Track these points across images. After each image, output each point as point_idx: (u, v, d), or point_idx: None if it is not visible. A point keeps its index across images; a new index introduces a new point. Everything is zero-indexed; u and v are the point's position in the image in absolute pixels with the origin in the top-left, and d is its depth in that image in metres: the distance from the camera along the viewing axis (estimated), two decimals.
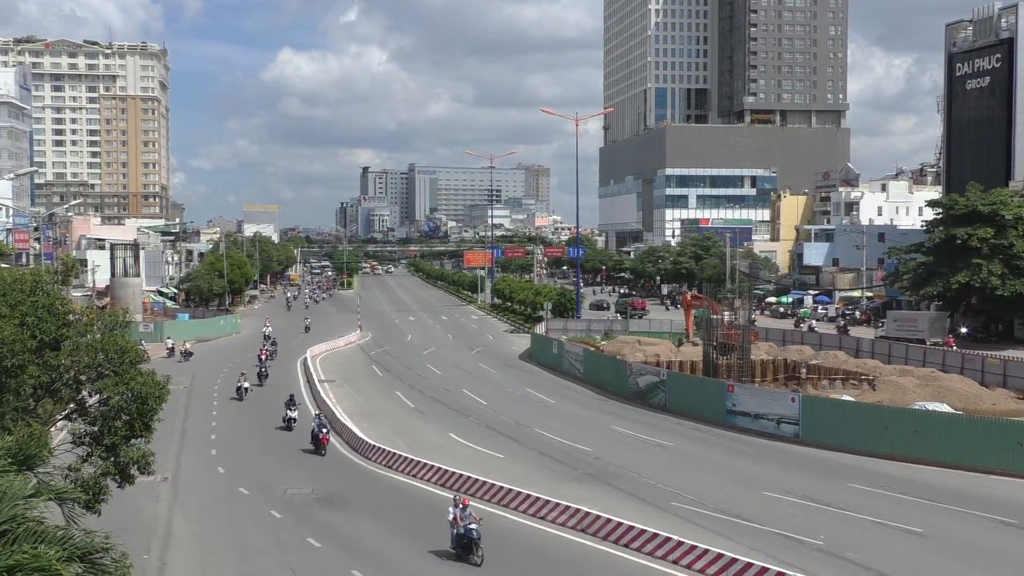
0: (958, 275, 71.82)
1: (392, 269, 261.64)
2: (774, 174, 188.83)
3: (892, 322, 79.67)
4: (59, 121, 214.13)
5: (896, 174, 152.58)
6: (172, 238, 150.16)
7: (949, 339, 69.87)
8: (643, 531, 26.16)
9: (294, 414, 44.24)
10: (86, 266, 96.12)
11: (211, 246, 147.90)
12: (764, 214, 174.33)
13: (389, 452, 36.92)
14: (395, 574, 24.93)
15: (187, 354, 69.68)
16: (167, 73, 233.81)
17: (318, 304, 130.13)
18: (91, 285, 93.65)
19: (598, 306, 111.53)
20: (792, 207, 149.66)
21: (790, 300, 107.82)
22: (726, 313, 53.62)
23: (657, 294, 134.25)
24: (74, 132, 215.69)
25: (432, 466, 34.30)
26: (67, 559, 10.63)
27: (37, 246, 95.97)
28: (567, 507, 28.56)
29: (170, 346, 72.38)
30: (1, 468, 12.18)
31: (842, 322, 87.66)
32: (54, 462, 15.63)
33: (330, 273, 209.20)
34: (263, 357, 62.74)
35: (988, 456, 34.84)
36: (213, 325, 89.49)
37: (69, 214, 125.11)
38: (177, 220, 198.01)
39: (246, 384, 52.46)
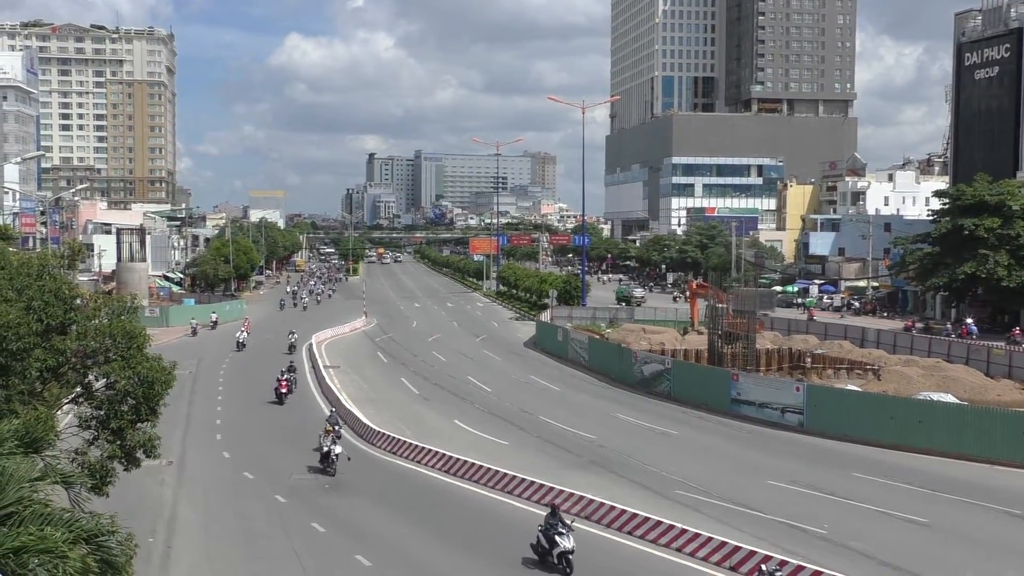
0: (964, 265, 71.70)
1: (401, 257, 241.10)
2: (781, 163, 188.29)
3: (735, 297, 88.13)
4: (66, 105, 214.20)
5: (903, 164, 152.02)
6: (178, 223, 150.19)
7: (811, 311, 74.86)
8: (647, 519, 26.21)
9: (568, 545, 23.11)
10: (92, 251, 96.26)
11: (217, 231, 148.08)
12: (770, 203, 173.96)
13: (394, 438, 37.01)
14: (399, 559, 24.99)
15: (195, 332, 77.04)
16: (174, 58, 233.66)
17: (319, 304, 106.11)
18: (97, 270, 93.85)
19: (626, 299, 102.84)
20: (798, 196, 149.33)
21: (795, 289, 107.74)
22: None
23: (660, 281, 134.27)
24: (80, 117, 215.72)
25: (436, 452, 34.35)
26: (73, 541, 10.70)
27: (43, 230, 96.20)
28: (571, 494, 28.59)
29: (194, 325, 78.14)
30: (8, 451, 12.24)
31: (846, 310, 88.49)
32: (61, 445, 15.70)
33: (336, 261, 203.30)
34: (283, 391, 47.38)
35: (993, 447, 34.83)
36: (219, 310, 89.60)
37: (75, 198, 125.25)
38: (183, 205, 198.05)
39: (337, 449, 33.23)
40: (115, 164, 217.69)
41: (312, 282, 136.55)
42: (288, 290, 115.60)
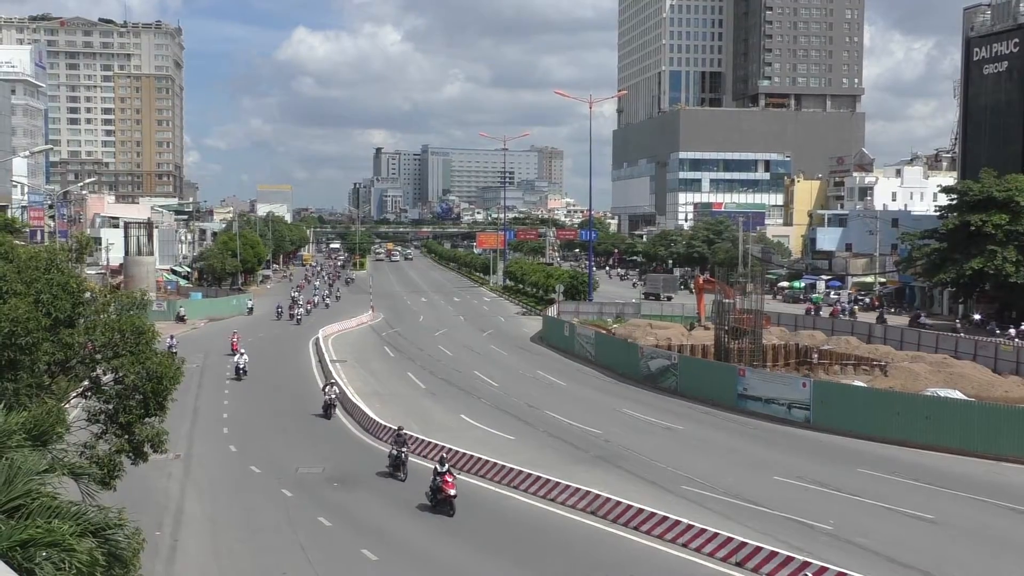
0: (972, 261, 71.42)
1: (411, 254, 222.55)
2: (788, 158, 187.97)
3: (647, 282, 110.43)
4: (74, 99, 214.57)
5: (911, 159, 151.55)
6: (185, 217, 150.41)
7: (732, 293, 78.69)
8: (652, 514, 26.21)
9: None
10: (100, 244, 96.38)
11: (224, 225, 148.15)
12: (777, 198, 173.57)
13: None
14: (404, 554, 25.04)
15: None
16: (181, 52, 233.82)
17: (310, 314, 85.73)
18: (105, 263, 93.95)
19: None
20: (805, 192, 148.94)
21: (802, 285, 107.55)
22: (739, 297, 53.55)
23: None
24: (88, 110, 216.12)
25: (443, 447, 34.37)
26: (80, 534, 10.72)
27: (52, 224, 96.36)
28: (577, 489, 28.62)
29: (181, 315, 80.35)
30: (16, 444, 12.27)
31: (851, 307, 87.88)
32: (69, 439, 15.74)
33: (343, 257, 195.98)
34: (452, 494, 27.80)
35: (1000, 443, 34.76)
36: (226, 304, 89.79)
37: (83, 192, 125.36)
38: (191, 199, 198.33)
39: None
40: (123, 158, 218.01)
41: (316, 283, 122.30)
42: (292, 294, 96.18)
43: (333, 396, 42.74)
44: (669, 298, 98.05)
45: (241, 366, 52.96)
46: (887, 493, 30.15)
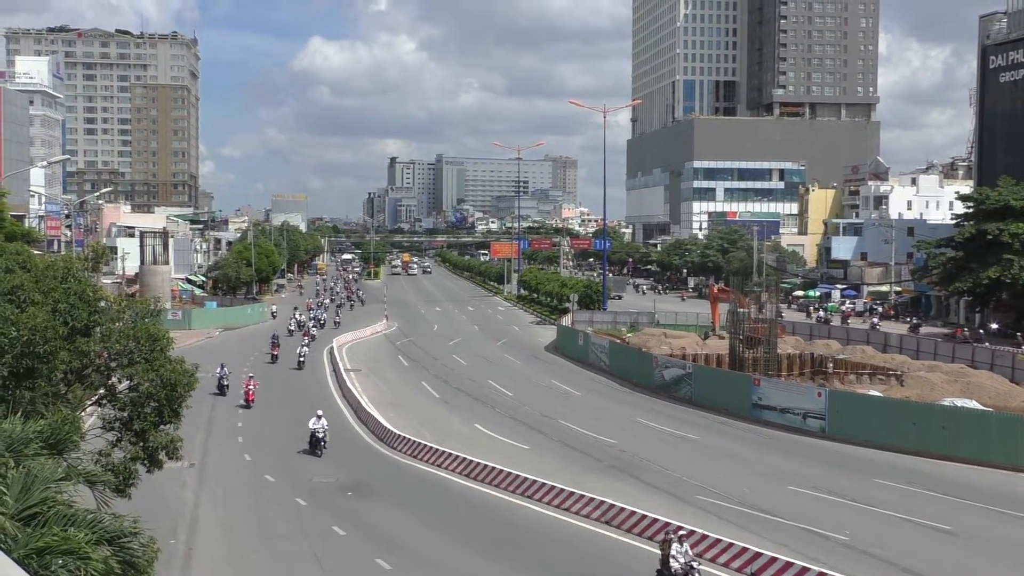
0: (988, 270, 71.10)
1: (430, 266, 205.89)
2: (802, 167, 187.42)
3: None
4: (91, 109, 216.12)
5: (927, 168, 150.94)
6: (201, 226, 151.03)
7: (747, 302, 77.68)
8: (667, 524, 26.10)
9: None
10: (116, 253, 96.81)
11: (239, 235, 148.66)
12: (792, 207, 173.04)
13: (414, 442, 37.05)
14: (419, 563, 25.02)
15: None
16: (197, 62, 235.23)
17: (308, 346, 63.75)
18: (121, 272, 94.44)
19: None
20: (820, 201, 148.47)
21: (817, 294, 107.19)
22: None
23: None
24: (105, 120, 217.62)
25: (457, 456, 34.37)
26: (96, 542, 10.74)
27: (68, 233, 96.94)
28: (591, 499, 28.57)
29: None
30: (33, 452, 12.34)
31: (874, 319, 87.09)
32: (84, 447, 15.81)
33: (356, 267, 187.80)
34: None
35: (1018, 453, 34.53)
36: (241, 313, 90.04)
37: (100, 202, 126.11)
38: (206, 208, 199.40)
39: None
40: (139, 167, 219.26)
41: (326, 300, 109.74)
42: (296, 315, 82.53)
43: None
44: (619, 296, 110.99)
45: (320, 435, 36.81)
46: (903, 503, 29.98)
